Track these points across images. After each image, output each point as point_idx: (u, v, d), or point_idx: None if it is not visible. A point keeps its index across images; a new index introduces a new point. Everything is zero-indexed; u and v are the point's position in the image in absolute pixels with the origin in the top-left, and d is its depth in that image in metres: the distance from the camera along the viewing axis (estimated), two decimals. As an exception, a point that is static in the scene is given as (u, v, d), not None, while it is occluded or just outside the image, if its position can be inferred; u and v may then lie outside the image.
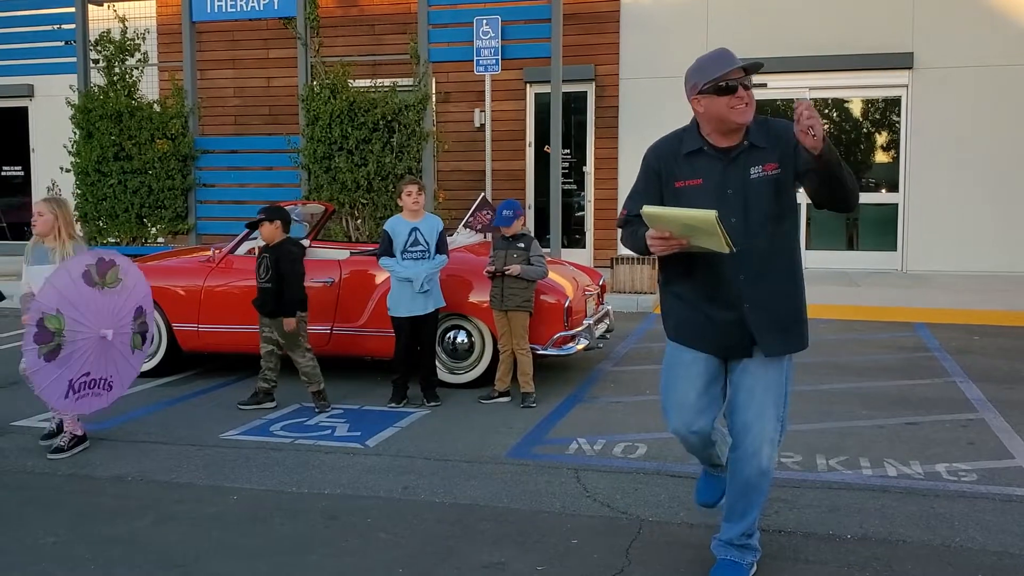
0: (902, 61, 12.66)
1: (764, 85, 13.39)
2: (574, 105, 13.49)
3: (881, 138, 13.40)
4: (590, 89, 13.49)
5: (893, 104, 13.12)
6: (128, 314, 5.18)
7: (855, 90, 13.26)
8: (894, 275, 12.64)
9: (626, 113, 13.38)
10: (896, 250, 13.12)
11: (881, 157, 13.43)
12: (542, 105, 13.38)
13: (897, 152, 13.13)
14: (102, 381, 5.09)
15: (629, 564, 3.64)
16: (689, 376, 3.38)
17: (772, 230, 3.22)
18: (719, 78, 3.16)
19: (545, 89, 11.57)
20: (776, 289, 3.25)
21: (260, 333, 6.13)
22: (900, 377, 6.96)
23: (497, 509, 4.25)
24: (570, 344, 6.50)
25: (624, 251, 11.25)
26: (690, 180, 3.26)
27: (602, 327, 7.20)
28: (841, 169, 3.05)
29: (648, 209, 3.10)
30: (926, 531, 3.96)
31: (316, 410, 6.02)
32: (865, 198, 13.37)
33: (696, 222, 2.98)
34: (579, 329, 6.62)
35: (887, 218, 13.22)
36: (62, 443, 5.12)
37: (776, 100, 13.58)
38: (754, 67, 3.21)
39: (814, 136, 2.92)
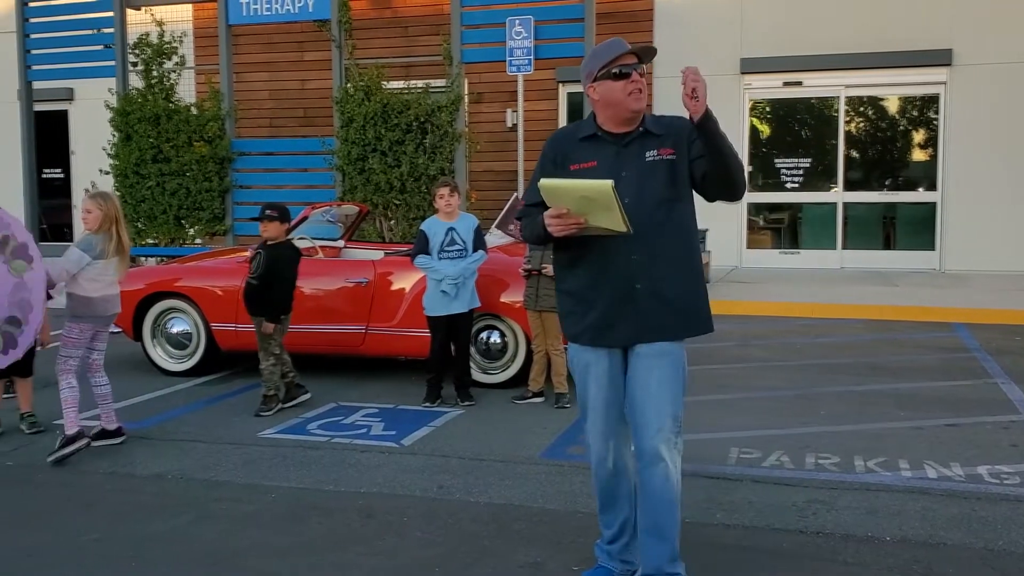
0: (940, 58, 12.49)
1: (799, 83, 13.29)
2: (607, 104, 13.44)
3: (918, 136, 13.23)
4: (623, 88, 13.43)
5: (931, 101, 12.95)
6: (3, 304, 4.84)
7: (892, 88, 13.10)
8: (932, 274, 12.48)
9: (659, 111, 13.30)
10: (934, 249, 12.95)
11: (918, 155, 13.26)
12: (575, 105, 13.37)
13: (935, 150, 12.96)
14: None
15: (665, 565, 3.62)
16: (595, 376, 3.28)
17: (666, 213, 3.16)
18: (611, 63, 3.16)
19: (578, 89, 11.55)
20: (669, 271, 3.17)
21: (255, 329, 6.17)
22: (939, 378, 6.87)
23: (532, 509, 4.25)
24: (604, 344, 6.47)
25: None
26: (585, 163, 3.22)
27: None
28: (725, 142, 3.06)
29: (545, 181, 3.06)
30: (968, 534, 3.91)
31: (259, 411, 5.94)
32: (902, 197, 13.22)
33: (592, 193, 2.95)
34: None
35: (925, 217, 13.05)
36: (55, 446, 5.04)
37: (811, 99, 13.46)
38: (647, 52, 3.18)
39: (696, 99, 2.95)
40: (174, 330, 7.23)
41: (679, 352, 3.23)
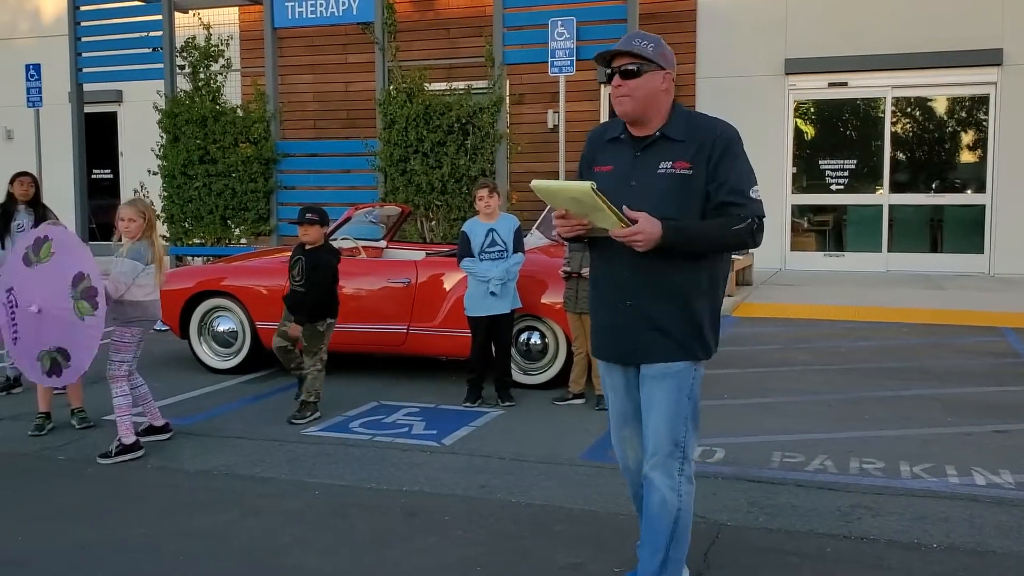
0: (991, 58, 12.28)
1: (845, 84, 13.14)
2: (649, 106, 13.39)
3: (967, 137, 13.01)
4: (665, 89, 13.37)
5: (980, 102, 12.73)
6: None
7: (940, 88, 12.91)
8: (981, 278, 12.26)
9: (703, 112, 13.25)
10: (983, 252, 12.73)
11: (967, 157, 13.04)
12: (617, 106, 13.32)
13: (984, 152, 12.74)
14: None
15: (708, 569, 3.61)
16: (612, 386, 3.23)
17: None
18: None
19: (620, 90, 11.51)
20: (662, 295, 2.98)
21: (277, 329, 6.20)
22: (987, 383, 6.75)
23: (573, 511, 4.26)
24: (645, 346, 6.44)
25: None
26: (604, 166, 3.09)
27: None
28: (702, 244, 2.93)
29: (536, 183, 2.91)
30: (1017, 542, 3.84)
31: (293, 418, 5.81)
32: (950, 199, 13.01)
33: (577, 194, 2.84)
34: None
35: (973, 219, 12.83)
36: (110, 449, 5.13)
37: (857, 100, 13.30)
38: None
39: (644, 245, 2.84)
40: (220, 328, 7.33)
41: (684, 373, 3.04)
